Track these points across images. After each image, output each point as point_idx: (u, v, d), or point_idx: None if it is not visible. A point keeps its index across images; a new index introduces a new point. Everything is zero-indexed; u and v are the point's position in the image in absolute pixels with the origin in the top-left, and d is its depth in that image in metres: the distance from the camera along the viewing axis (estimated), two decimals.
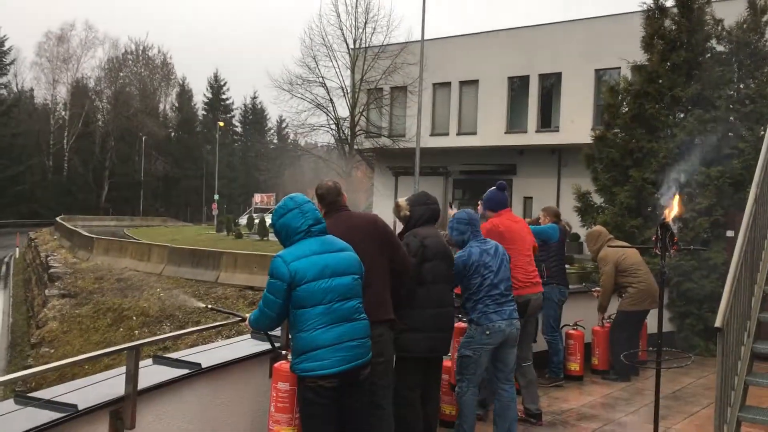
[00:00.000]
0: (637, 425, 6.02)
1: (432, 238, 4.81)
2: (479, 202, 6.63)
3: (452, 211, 5.96)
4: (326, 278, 3.66)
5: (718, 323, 4.52)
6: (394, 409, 4.67)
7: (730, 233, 8.95)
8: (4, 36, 67.87)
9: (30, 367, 14.53)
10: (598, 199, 10.48)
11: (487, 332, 4.98)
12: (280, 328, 4.49)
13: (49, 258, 32.90)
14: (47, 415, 3.27)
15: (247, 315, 4.00)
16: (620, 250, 7.63)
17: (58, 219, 49.96)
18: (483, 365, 5.10)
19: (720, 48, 9.86)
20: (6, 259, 40.16)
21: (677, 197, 5.30)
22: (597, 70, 27.02)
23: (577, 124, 25.92)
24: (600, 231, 8.06)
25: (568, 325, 7.70)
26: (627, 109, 10.18)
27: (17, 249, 41.88)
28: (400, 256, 4.50)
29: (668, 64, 9.86)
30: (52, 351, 19.51)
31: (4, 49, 68.05)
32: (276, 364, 4.14)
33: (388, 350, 4.36)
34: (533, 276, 5.85)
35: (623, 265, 7.58)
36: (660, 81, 9.87)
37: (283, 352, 4.25)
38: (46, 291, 26.25)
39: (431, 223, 4.92)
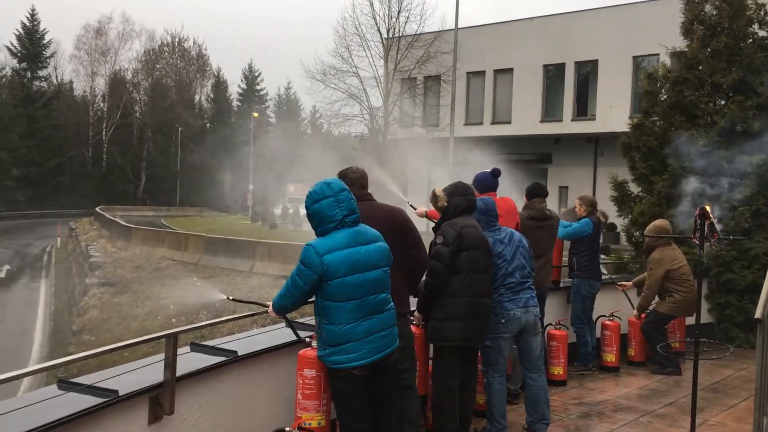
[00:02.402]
0: (675, 417, 5.94)
1: (469, 228, 4.79)
2: (527, 195, 6.65)
3: (421, 209, 5.91)
4: (358, 273, 3.70)
5: (758, 314, 4.43)
6: (434, 398, 4.73)
7: None
8: (44, 29, 69.15)
9: (72, 353, 14.87)
10: (635, 189, 10.33)
11: (503, 320, 5.00)
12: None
13: (89, 247, 33.61)
14: (89, 400, 3.35)
15: (270, 303, 4.01)
16: (675, 257, 7.54)
17: (97, 209, 50.93)
18: (505, 354, 5.12)
19: (762, 33, 9.63)
20: (48, 249, 41.05)
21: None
22: (635, 57, 26.52)
23: (614, 112, 25.54)
24: (668, 229, 7.74)
25: (604, 316, 7.62)
26: (666, 96, 9.99)
27: (58, 238, 42.76)
28: (417, 253, 4.50)
29: (708, 50, 9.65)
30: (93, 338, 19.95)
31: (45, 42, 69.29)
32: (301, 351, 4.18)
33: (406, 335, 4.43)
34: None
35: (675, 273, 7.48)
36: (700, 67, 9.66)
37: (307, 339, 4.28)
38: (87, 280, 26.84)
39: (468, 214, 4.90)
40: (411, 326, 4.75)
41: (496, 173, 5.95)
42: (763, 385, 4.53)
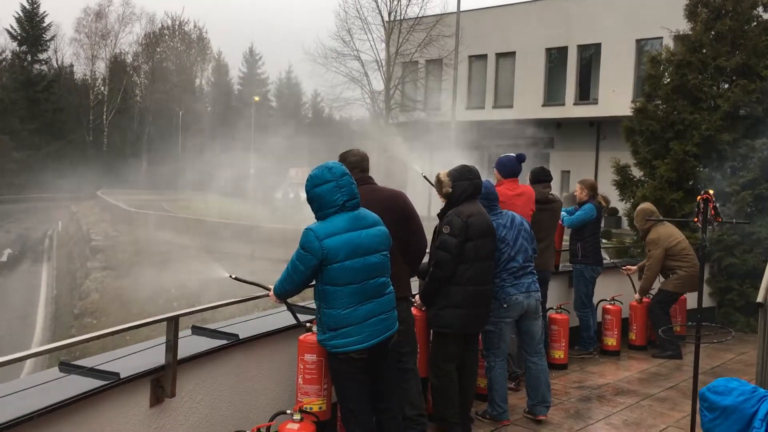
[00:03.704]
0: (675, 401, 5.96)
1: (476, 216, 4.74)
2: (530, 179, 6.62)
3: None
4: (358, 257, 3.69)
5: (760, 298, 4.44)
6: (432, 382, 4.73)
7: None
8: (44, 12, 68.77)
9: (73, 336, 14.91)
10: (637, 173, 10.30)
11: (505, 305, 5.01)
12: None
13: (90, 231, 33.62)
14: (91, 383, 3.36)
15: (271, 287, 4.01)
16: (671, 234, 7.53)
17: (98, 193, 50.95)
18: (506, 338, 5.14)
19: (766, 16, 9.55)
20: (49, 232, 41.07)
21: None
22: (638, 40, 26.37)
23: (616, 96, 25.44)
24: (652, 210, 7.76)
25: (606, 300, 7.63)
26: (669, 80, 9.94)
27: (60, 222, 42.77)
28: (417, 238, 4.47)
29: (712, 33, 9.59)
30: (95, 321, 20.03)
31: (45, 25, 68.92)
32: (301, 336, 4.18)
33: (407, 319, 4.43)
34: None
35: (674, 249, 7.48)
36: (703, 51, 9.61)
37: (307, 324, 4.28)
38: (88, 263, 26.88)
39: (474, 199, 4.84)
40: (412, 308, 4.74)
41: (521, 158, 5.88)
42: (764, 369, 4.54)
